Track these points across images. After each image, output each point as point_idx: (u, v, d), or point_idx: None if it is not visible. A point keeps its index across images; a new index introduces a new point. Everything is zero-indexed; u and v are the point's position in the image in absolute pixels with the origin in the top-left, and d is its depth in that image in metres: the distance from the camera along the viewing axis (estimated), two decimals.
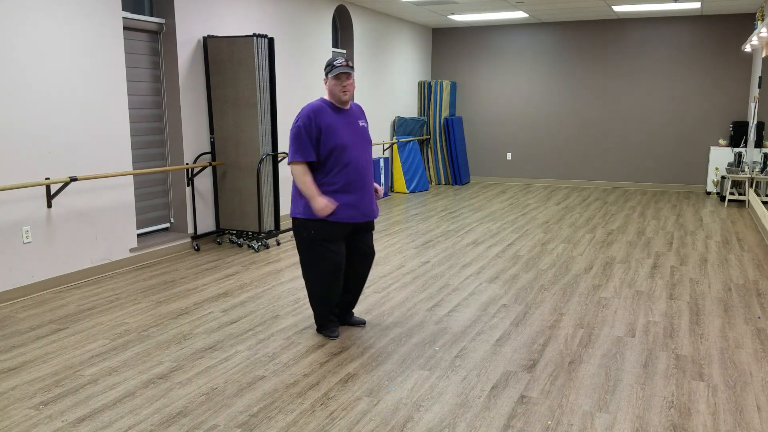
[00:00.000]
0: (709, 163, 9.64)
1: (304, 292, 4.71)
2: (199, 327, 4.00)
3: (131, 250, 5.50)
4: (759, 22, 7.81)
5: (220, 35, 6.20)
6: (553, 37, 10.70)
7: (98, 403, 2.98)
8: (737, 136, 9.25)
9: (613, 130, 10.56)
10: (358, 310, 4.30)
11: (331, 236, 3.59)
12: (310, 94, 7.96)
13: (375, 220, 7.57)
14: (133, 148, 5.72)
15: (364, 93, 9.33)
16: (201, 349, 3.63)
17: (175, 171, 6.14)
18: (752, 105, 9.10)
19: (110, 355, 3.56)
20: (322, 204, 3.48)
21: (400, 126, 10.28)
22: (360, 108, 3.82)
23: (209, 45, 6.12)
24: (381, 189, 3.86)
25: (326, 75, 3.60)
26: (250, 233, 6.35)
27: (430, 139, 10.97)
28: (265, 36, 6.06)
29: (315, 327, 3.97)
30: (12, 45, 4.41)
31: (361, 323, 4.00)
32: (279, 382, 3.20)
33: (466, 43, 11.30)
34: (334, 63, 3.56)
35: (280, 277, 5.14)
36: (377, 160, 9.40)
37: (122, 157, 5.36)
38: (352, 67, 3.59)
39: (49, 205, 4.75)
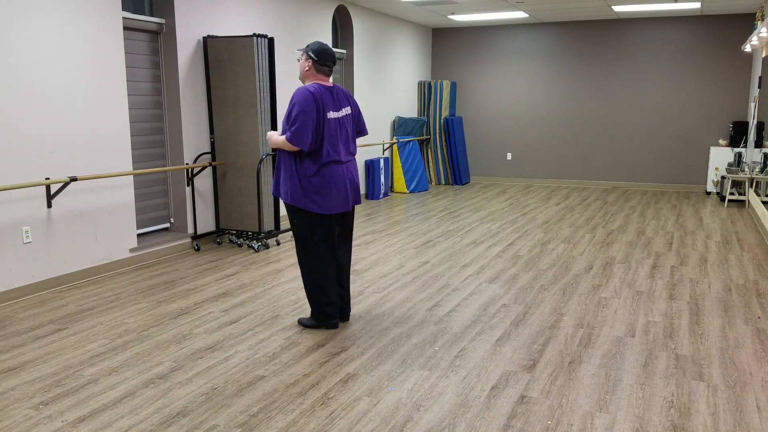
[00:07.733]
0: (709, 163, 9.64)
1: (304, 292, 4.71)
2: (199, 327, 4.00)
3: (131, 250, 5.50)
4: (759, 22, 7.81)
5: (220, 35, 6.20)
6: (553, 37, 10.70)
7: (98, 403, 2.98)
8: (737, 136, 9.25)
9: (613, 130, 10.56)
10: (356, 310, 4.31)
11: None
12: None
13: (377, 219, 7.57)
14: (133, 148, 5.72)
15: (364, 93, 9.32)
16: (201, 349, 3.63)
17: (175, 171, 6.14)
18: (752, 105, 9.10)
19: (110, 355, 3.56)
20: None
21: (400, 126, 10.28)
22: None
23: (209, 45, 6.11)
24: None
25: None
26: (250, 233, 6.35)
27: (430, 139, 10.97)
28: (265, 36, 6.06)
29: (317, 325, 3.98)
30: (11, 45, 4.41)
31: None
32: (279, 382, 3.20)
33: (466, 43, 11.30)
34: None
35: (280, 277, 5.14)
36: (377, 160, 9.40)
37: (122, 157, 5.36)
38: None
39: (49, 205, 4.75)
